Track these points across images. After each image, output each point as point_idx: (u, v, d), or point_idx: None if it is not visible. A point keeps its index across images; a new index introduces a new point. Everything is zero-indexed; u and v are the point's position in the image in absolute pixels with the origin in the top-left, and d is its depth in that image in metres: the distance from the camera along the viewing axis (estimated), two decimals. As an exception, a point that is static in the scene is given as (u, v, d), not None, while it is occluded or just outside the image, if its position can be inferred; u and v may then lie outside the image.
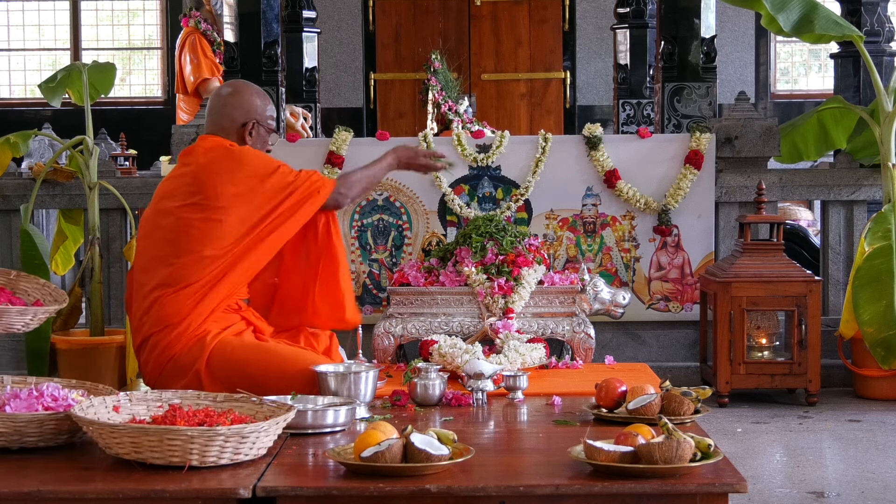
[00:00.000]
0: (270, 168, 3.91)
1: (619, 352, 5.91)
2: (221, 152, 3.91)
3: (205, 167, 3.89)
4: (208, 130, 4.04)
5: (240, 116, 4.00)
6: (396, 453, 2.61)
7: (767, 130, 6.06)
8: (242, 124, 4.00)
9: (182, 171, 3.97)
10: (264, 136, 4.06)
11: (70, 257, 6.24)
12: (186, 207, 3.85)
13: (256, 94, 4.07)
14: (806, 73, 12.17)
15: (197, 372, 3.72)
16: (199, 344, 3.75)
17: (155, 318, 3.78)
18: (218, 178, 3.84)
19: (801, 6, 5.76)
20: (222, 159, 3.89)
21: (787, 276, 5.60)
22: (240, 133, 4.00)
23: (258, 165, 3.90)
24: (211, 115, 4.05)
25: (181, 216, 3.84)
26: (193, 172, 3.91)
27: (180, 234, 3.83)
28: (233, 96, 4.04)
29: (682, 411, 3.14)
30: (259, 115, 4.03)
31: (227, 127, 4.00)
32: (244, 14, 6.68)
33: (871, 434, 5.13)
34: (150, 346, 3.80)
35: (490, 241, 5.14)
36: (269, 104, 4.09)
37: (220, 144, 3.95)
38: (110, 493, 2.56)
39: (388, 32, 10.90)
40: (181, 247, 3.82)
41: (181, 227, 3.84)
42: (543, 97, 10.95)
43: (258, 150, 4.03)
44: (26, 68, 12.17)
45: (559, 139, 6.06)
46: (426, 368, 3.56)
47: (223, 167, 3.86)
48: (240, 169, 3.86)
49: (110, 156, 7.57)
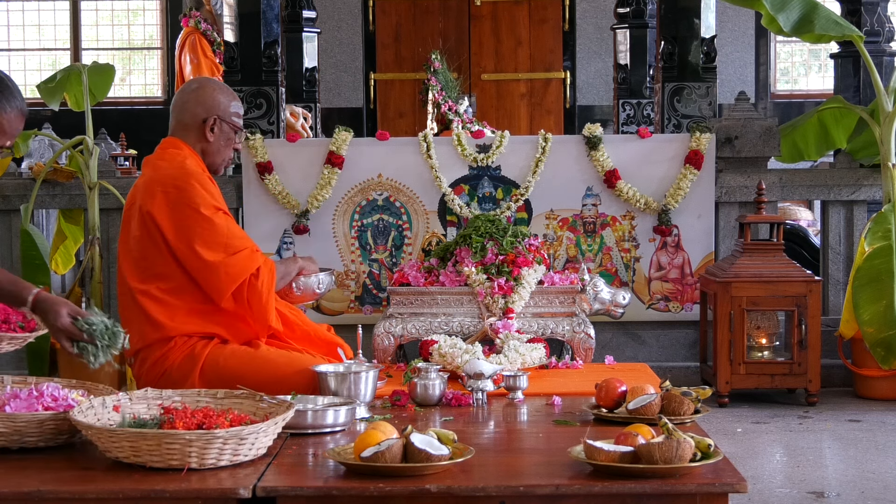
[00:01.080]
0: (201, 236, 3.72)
1: (619, 352, 5.91)
2: (174, 171, 3.78)
3: (149, 184, 3.77)
4: (171, 129, 3.93)
5: (201, 112, 3.85)
6: (396, 453, 2.61)
7: (767, 130, 6.06)
8: (203, 120, 3.84)
9: (137, 185, 3.86)
10: (228, 133, 3.89)
11: (70, 257, 6.25)
12: (136, 224, 3.77)
13: (220, 90, 3.92)
14: (806, 73, 12.17)
15: (192, 386, 3.68)
16: (189, 358, 3.69)
17: (139, 334, 3.72)
18: (154, 201, 3.72)
19: (801, 6, 5.76)
20: (172, 177, 3.76)
21: (787, 276, 5.61)
22: (200, 129, 3.85)
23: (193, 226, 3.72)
24: (174, 112, 3.93)
25: (133, 233, 3.77)
26: (142, 198, 3.79)
27: (137, 250, 3.76)
28: (195, 92, 3.91)
29: (682, 411, 3.13)
30: (222, 111, 3.86)
31: (189, 123, 3.86)
32: (244, 14, 6.68)
33: (871, 434, 5.13)
34: (139, 360, 3.78)
35: (490, 241, 5.14)
36: (234, 101, 3.92)
37: (176, 164, 3.81)
38: (110, 493, 2.56)
39: (388, 32, 10.90)
40: (139, 263, 3.76)
41: (135, 241, 3.77)
42: (543, 97, 10.96)
43: (222, 149, 3.89)
44: (26, 68, 12.17)
45: (559, 139, 6.07)
46: (426, 368, 3.56)
47: (168, 187, 3.73)
48: (177, 218, 3.72)
49: (110, 156, 7.58)
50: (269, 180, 5.98)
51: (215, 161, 3.91)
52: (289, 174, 6.03)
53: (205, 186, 3.77)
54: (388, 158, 6.02)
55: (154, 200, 3.73)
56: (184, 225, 3.70)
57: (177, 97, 3.97)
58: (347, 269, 6.04)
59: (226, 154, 3.93)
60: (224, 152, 3.92)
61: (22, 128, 3.21)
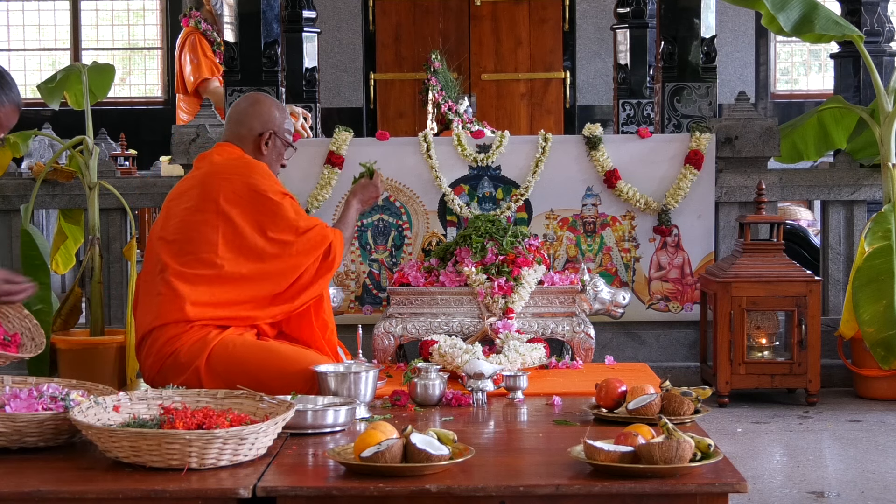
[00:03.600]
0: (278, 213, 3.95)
1: (619, 352, 5.91)
2: (236, 162, 3.99)
3: (213, 174, 3.96)
4: (225, 138, 4.12)
5: (258, 126, 4.05)
6: (396, 453, 2.61)
7: (767, 130, 6.06)
8: (259, 134, 4.05)
9: (193, 175, 4.05)
10: (280, 149, 4.10)
11: (70, 257, 6.25)
12: (190, 210, 3.91)
13: (276, 106, 4.13)
14: (806, 73, 12.17)
15: (197, 369, 3.73)
16: (201, 342, 3.77)
17: (157, 312, 3.80)
18: (221, 187, 3.89)
19: (801, 6, 5.76)
20: (237, 167, 3.97)
21: (787, 276, 5.61)
22: (256, 142, 4.05)
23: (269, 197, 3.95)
24: (230, 123, 4.12)
25: (184, 218, 3.90)
26: (202, 176, 3.98)
27: (183, 235, 3.88)
28: (254, 106, 4.10)
29: (682, 411, 3.13)
30: (277, 126, 4.08)
31: (245, 136, 4.05)
32: (244, 14, 6.68)
33: (871, 434, 5.13)
34: (151, 340, 3.82)
35: (490, 242, 5.14)
36: (287, 118, 4.14)
37: (236, 156, 4.03)
38: (110, 493, 2.56)
39: (388, 32, 10.89)
40: (183, 248, 3.87)
41: (184, 227, 3.89)
42: (543, 97, 10.95)
43: (273, 163, 4.08)
44: (26, 68, 12.17)
45: (559, 139, 6.06)
46: (426, 368, 3.56)
47: (233, 176, 3.94)
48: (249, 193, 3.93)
49: (110, 156, 7.58)
50: (269, 180, 5.98)
51: None
52: (289, 174, 6.00)
53: (267, 175, 3.98)
54: (388, 158, 6.02)
55: (221, 188, 3.89)
56: (254, 210, 3.88)
57: (234, 108, 4.15)
58: (347, 269, 6.04)
59: (275, 167, 4.13)
60: (274, 166, 4.12)
61: (16, 121, 3.23)
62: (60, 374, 5.41)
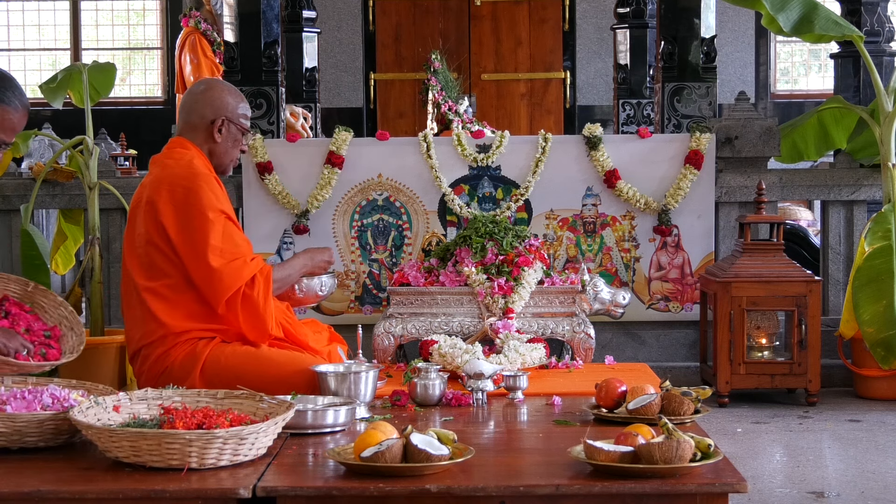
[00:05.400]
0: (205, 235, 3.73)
1: (619, 352, 5.91)
2: (184, 170, 3.80)
3: (161, 181, 3.79)
4: (179, 129, 3.96)
5: (209, 113, 3.88)
6: (396, 453, 2.61)
7: (767, 130, 6.06)
8: (211, 121, 3.88)
9: (144, 184, 3.89)
10: (236, 135, 3.93)
11: (70, 257, 6.25)
12: (142, 220, 3.79)
13: (229, 91, 3.96)
14: (806, 73, 12.17)
15: (192, 384, 3.68)
16: (190, 355, 3.71)
17: (142, 331, 3.75)
18: (161, 196, 3.75)
19: (801, 6, 5.76)
20: (184, 176, 3.78)
21: (787, 276, 5.61)
22: (209, 130, 3.88)
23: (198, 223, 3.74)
24: (182, 112, 3.96)
25: (139, 229, 3.79)
26: (151, 182, 3.83)
27: (141, 247, 3.78)
28: (204, 93, 3.94)
29: (682, 411, 3.13)
30: (230, 112, 3.90)
31: (197, 124, 3.89)
32: (244, 14, 6.68)
33: (871, 434, 5.13)
34: (141, 358, 3.78)
35: (490, 242, 5.14)
36: (242, 103, 3.96)
37: (185, 162, 3.83)
38: (110, 493, 2.56)
39: (388, 32, 10.90)
40: (142, 260, 3.77)
41: (140, 238, 3.78)
42: (543, 97, 10.96)
43: (230, 150, 3.93)
44: (26, 68, 12.17)
45: (559, 139, 6.07)
46: (426, 368, 3.56)
47: (176, 186, 3.76)
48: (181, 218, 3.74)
49: (110, 156, 7.58)
50: (269, 180, 5.99)
51: (223, 162, 3.96)
52: (289, 174, 6.03)
53: (212, 188, 3.79)
54: (388, 158, 6.02)
55: (161, 199, 3.75)
56: (189, 226, 3.73)
57: (185, 98, 4.01)
58: (347, 269, 6.04)
59: (233, 155, 3.97)
60: (231, 153, 3.96)
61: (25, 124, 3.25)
62: (60, 374, 5.40)
